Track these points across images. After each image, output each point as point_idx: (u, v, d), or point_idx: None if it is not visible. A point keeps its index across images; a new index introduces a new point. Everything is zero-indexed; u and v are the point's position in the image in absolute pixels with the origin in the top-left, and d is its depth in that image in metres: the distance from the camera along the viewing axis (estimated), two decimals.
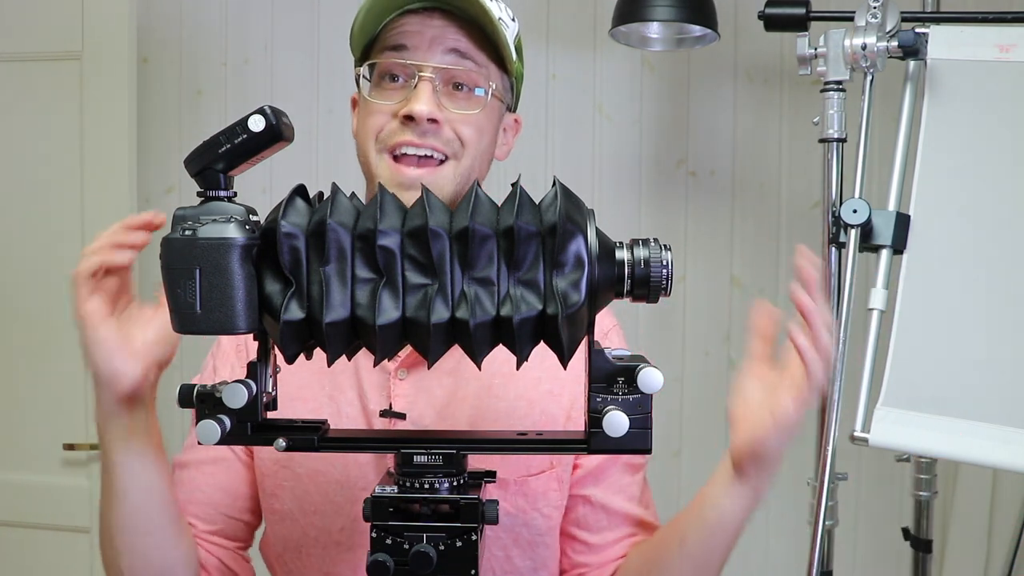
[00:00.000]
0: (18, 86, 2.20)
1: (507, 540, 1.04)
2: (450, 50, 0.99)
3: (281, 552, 1.07)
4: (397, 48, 0.99)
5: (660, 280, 0.77)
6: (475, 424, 1.01)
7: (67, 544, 2.23)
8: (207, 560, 1.04)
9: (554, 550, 1.07)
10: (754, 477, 0.90)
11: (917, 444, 1.60)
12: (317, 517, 1.04)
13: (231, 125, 0.75)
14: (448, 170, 0.99)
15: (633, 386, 0.78)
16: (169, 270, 0.73)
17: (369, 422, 1.03)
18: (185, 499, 1.05)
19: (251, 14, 2.41)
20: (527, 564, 1.05)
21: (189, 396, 0.79)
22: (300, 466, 1.04)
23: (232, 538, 1.08)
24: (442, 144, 0.98)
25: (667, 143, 2.34)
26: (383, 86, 1.01)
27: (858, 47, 1.65)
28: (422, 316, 0.74)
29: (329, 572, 1.05)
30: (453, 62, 0.99)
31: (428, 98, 0.97)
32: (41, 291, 2.14)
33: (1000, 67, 1.63)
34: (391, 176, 0.98)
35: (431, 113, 0.97)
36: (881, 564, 2.30)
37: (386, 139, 0.99)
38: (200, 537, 1.05)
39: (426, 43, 0.99)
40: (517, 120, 1.11)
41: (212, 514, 1.06)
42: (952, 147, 1.66)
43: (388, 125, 0.99)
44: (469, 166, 1.01)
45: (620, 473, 1.07)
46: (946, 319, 1.60)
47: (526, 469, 1.03)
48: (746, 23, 2.23)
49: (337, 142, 2.38)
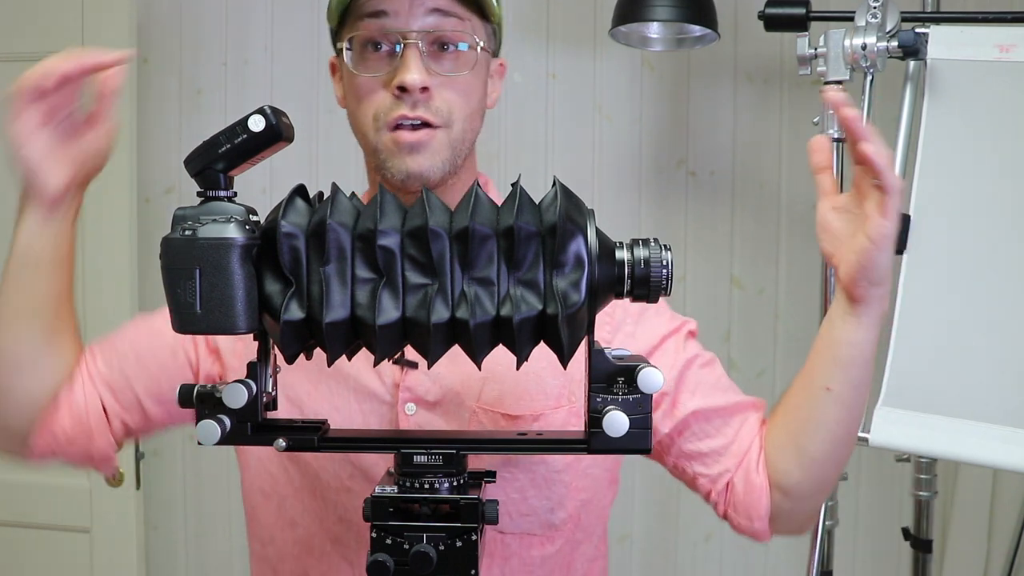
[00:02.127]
0: None
1: (524, 480, 1.03)
2: (431, 10, 0.98)
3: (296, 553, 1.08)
4: (377, 15, 0.98)
5: (660, 280, 0.77)
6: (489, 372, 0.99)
7: (67, 544, 2.23)
8: (79, 393, 1.03)
9: (571, 488, 1.06)
10: (872, 298, 0.92)
11: (917, 444, 1.60)
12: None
13: (231, 125, 0.75)
14: (441, 137, 1.00)
15: (633, 386, 0.78)
16: (169, 270, 0.73)
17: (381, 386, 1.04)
18: (103, 339, 1.07)
19: (251, 14, 2.41)
20: (543, 504, 1.05)
21: (189, 396, 0.79)
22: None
23: (117, 400, 1.05)
24: (431, 115, 0.98)
25: (667, 143, 2.34)
26: (367, 56, 1.00)
27: (858, 47, 1.65)
28: (422, 316, 0.74)
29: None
30: (436, 23, 0.99)
31: (417, 66, 0.97)
32: None
33: (1000, 67, 1.63)
34: (393, 144, 0.99)
35: (423, 82, 0.97)
36: (881, 564, 2.30)
37: (385, 115, 0.99)
38: (90, 372, 1.05)
39: (406, 6, 0.98)
40: (502, 64, 1.11)
41: (115, 363, 1.05)
42: (952, 147, 1.66)
43: (383, 101, 0.99)
44: (461, 130, 1.01)
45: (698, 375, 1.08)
46: (946, 319, 1.60)
47: (543, 405, 1.03)
48: (746, 23, 2.23)
49: (337, 142, 2.38)
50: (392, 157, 0.99)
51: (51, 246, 0.95)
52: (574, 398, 1.04)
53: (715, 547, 2.37)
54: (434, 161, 0.99)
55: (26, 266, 0.96)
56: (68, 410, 1.03)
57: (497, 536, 1.04)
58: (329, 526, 1.05)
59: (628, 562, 2.37)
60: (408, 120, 0.98)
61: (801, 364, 1.01)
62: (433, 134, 0.99)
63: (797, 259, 2.27)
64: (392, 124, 0.98)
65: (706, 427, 1.06)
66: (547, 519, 1.05)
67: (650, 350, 1.07)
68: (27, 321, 0.98)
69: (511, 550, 1.05)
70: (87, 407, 1.03)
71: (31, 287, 0.96)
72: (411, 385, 1.03)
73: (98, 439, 1.05)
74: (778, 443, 1.03)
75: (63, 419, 1.02)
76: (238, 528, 2.43)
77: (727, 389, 1.09)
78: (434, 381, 1.03)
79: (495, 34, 1.07)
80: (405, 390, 1.03)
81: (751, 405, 1.09)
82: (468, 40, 1.00)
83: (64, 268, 0.98)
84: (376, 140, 1.00)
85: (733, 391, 1.09)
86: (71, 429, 1.03)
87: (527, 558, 1.05)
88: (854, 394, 0.97)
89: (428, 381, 1.03)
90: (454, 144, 1.00)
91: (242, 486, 1.13)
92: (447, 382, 1.03)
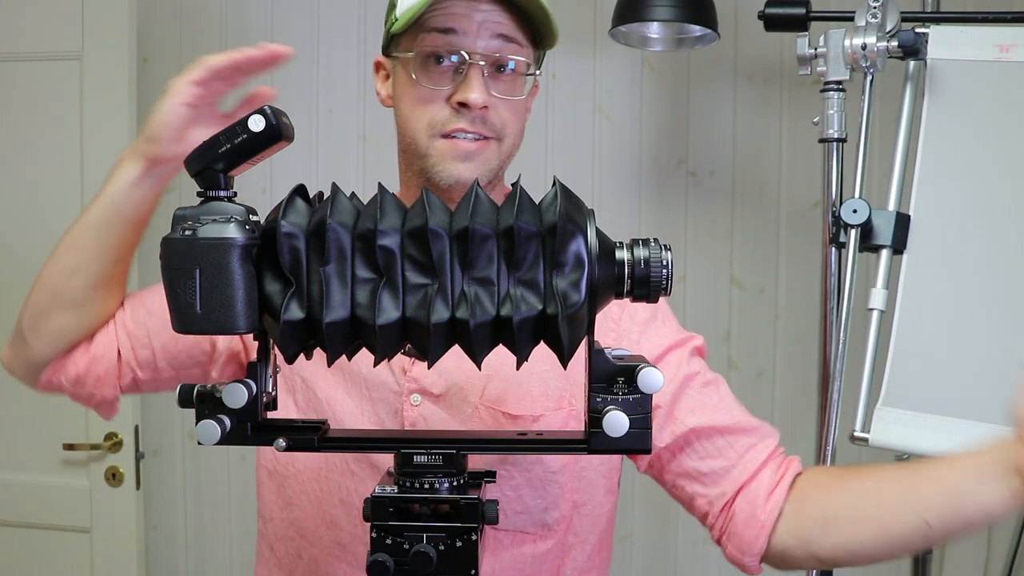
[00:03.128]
0: (18, 86, 2.20)
1: (520, 480, 1.05)
2: (497, 35, 1.03)
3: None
4: (445, 31, 1.02)
5: (660, 280, 0.77)
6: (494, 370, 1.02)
7: (67, 544, 2.23)
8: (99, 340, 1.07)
9: (566, 488, 1.07)
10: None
11: (917, 444, 1.60)
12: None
13: (231, 125, 0.75)
14: (493, 147, 1.05)
15: (633, 386, 0.78)
16: (169, 270, 0.73)
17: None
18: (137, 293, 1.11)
19: (251, 14, 2.41)
20: (538, 503, 1.06)
21: (189, 396, 0.79)
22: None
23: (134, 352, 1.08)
24: (488, 130, 1.04)
25: (667, 143, 2.33)
26: (429, 68, 1.04)
27: (858, 47, 1.65)
28: (422, 316, 0.74)
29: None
30: (499, 47, 1.03)
31: (480, 86, 1.02)
32: None
33: (1000, 67, 1.63)
34: (448, 151, 1.03)
35: (484, 101, 1.01)
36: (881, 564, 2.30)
37: (441, 126, 1.03)
38: (116, 322, 1.08)
39: (474, 28, 1.02)
40: (537, 83, 1.13)
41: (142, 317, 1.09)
42: (952, 147, 1.66)
43: (440, 112, 1.03)
44: (510, 145, 1.07)
45: (700, 393, 1.06)
46: (946, 319, 1.60)
47: (543, 406, 1.04)
48: (746, 23, 2.23)
49: (337, 142, 2.38)
50: (442, 162, 1.03)
51: (137, 202, 0.99)
52: (575, 401, 1.05)
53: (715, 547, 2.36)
54: (483, 170, 1.03)
55: (109, 214, 0.99)
56: (85, 351, 1.07)
57: (490, 532, 1.05)
58: (328, 509, 1.07)
59: (628, 562, 2.37)
60: (466, 133, 1.03)
61: (801, 364, 1.01)
62: (487, 144, 1.04)
63: (797, 259, 2.27)
64: (448, 134, 1.03)
65: (707, 446, 1.04)
66: (541, 518, 1.06)
67: (654, 361, 1.06)
68: (89, 264, 1.01)
69: (503, 546, 1.06)
70: (104, 353, 1.07)
71: (105, 235, 1.00)
72: (417, 376, 1.05)
73: (105, 386, 1.09)
74: (828, 519, 0.98)
75: (78, 360, 1.07)
76: (238, 528, 2.44)
77: (732, 409, 1.06)
78: (440, 374, 1.05)
79: (542, 58, 1.12)
80: (411, 380, 1.05)
81: (761, 430, 1.06)
82: (525, 66, 1.05)
83: (140, 228, 1.02)
84: (428, 145, 1.04)
85: (740, 411, 1.07)
86: (83, 369, 1.07)
87: (518, 555, 1.06)
88: (945, 538, 0.93)
89: (434, 373, 1.05)
90: (502, 156, 1.06)
91: (256, 463, 1.16)
92: (452, 376, 1.05)
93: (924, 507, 0.91)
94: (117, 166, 0.99)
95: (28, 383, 1.09)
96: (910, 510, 0.92)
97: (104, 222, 1.00)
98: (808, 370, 2.13)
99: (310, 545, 1.08)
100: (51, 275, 1.02)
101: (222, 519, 2.46)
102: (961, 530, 0.90)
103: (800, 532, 0.99)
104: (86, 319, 1.05)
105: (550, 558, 1.08)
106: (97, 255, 1.01)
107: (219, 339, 1.11)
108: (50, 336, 1.04)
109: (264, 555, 1.14)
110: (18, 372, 1.09)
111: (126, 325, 1.08)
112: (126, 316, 1.08)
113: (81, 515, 2.21)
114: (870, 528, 0.95)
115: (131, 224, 1.01)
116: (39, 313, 1.03)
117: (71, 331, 1.04)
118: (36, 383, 1.08)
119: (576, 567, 1.10)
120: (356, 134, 2.37)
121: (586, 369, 0.79)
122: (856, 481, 0.99)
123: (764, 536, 1.00)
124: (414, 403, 1.05)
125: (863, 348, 1.62)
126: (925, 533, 0.91)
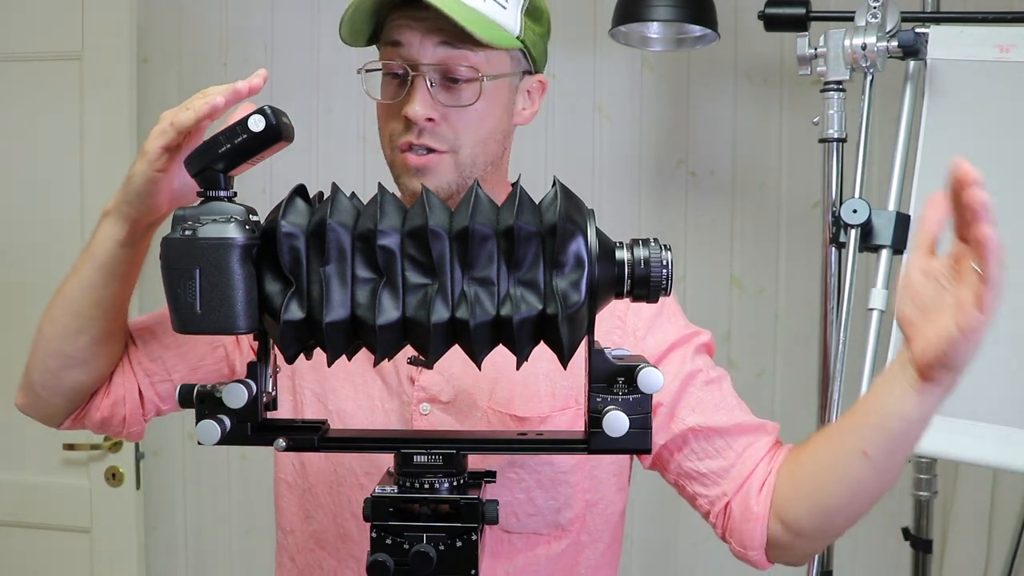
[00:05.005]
0: (18, 86, 2.20)
1: (530, 482, 1.04)
2: (442, 42, 0.99)
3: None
4: (394, 44, 1.01)
5: (660, 280, 0.77)
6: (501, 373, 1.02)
7: (67, 544, 2.23)
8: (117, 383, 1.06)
9: (577, 488, 1.07)
10: (945, 382, 0.87)
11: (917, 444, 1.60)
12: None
13: (231, 125, 0.75)
14: (447, 161, 1.01)
15: (633, 386, 0.78)
16: (169, 270, 0.73)
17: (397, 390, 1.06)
18: (145, 322, 1.10)
19: (251, 14, 2.41)
20: (550, 504, 1.05)
21: (189, 396, 0.79)
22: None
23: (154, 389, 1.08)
24: (436, 142, 1.00)
25: (667, 143, 2.33)
26: (386, 83, 1.03)
27: (858, 47, 1.65)
28: (422, 316, 0.74)
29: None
30: (445, 56, 0.99)
31: (422, 99, 0.99)
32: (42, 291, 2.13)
33: (1000, 67, 1.63)
34: (403, 165, 1.02)
35: (426, 114, 0.99)
36: (881, 564, 2.30)
37: (395, 140, 1.02)
38: (131, 361, 1.07)
39: (418, 38, 0.99)
40: (541, 81, 1.10)
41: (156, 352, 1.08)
42: (952, 147, 1.65)
43: (396, 126, 1.02)
44: (470, 155, 1.02)
45: (701, 391, 1.06)
46: None
47: (550, 406, 1.04)
48: (746, 23, 2.23)
49: (337, 142, 2.38)
50: (403, 175, 1.02)
51: (129, 260, 0.97)
52: (581, 399, 1.04)
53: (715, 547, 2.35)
54: (439, 182, 1.01)
55: (101, 275, 0.97)
56: (105, 398, 1.06)
57: (503, 536, 1.05)
58: (341, 522, 1.07)
59: (628, 562, 2.37)
60: (414, 146, 1.00)
61: (801, 364, 1.01)
62: (439, 158, 1.01)
63: (797, 259, 2.27)
64: (402, 147, 1.01)
65: (706, 446, 1.04)
66: (554, 519, 1.06)
67: (658, 357, 1.07)
68: (91, 324, 0.99)
69: (516, 549, 1.06)
70: (125, 396, 1.07)
71: (101, 295, 0.98)
72: (425, 384, 1.05)
73: (131, 424, 1.08)
74: (794, 484, 1.00)
75: (99, 404, 1.06)
76: (238, 528, 2.44)
77: (733, 409, 1.06)
78: (448, 381, 1.04)
79: (527, 55, 1.06)
80: (419, 389, 1.05)
81: (760, 428, 1.06)
82: (476, 72, 1.00)
83: (134, 279, 1.00)
84: (391, 158, 1.04)
85: (740, 411, 1.06)
86: (107, 413, 1.06)
87: (532, 557, 1.06)
88: (891, 463, 0.93)
89: (442, 381, 1.04)
90: (461, 167, 1.02)
91: (274, 476, 1.16)
92: (460, 382, 1.04)
93: (859, 440, 0.92)
94: (101, 223, 0.96)
95: (50, 425, 1.09)
96: (849, 447, 0.93)
97: (98, 283, 0.97)
98: (808, 370, 2.13)
99: (329, 556, 1.09)
100: (54, 337, 1.01)
101: (222, 519, 2.46)
102: (896, 448, 0.91)
103: (779, 511, 1.00)
104: (99, 371, 1.04)
105: (564, 558, 1.08)
106: (97, 314, 0.99)
107: (237, 361, 1.10)
108: (66, 393, 1.04)
109: (285, 566, 1.14)
110: (36, 418, 1.08)
111: (142, 363, 1.07)
112: (140, 353, 1.07)
113: (81, 515, 2.21)
114: (827, 479, 0.96)
115: (126, 279, 0.99)
116: (50, 374, 1.02)
117: (86, 385, 1.04)
118: (58, 427, 1.08)
119: (589, 565, 1.10)
120: (356, 134, 2.37)
121: (586, 369, 0.79)
122: (811, 443, 1.01)
123: (761, 526, 1.00)
124: (423, 412, 1.05)
125: (863, 348, 1.62)
126: (871, 465, 0.92)
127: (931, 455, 1.80)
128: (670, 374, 1.04)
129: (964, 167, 0.82)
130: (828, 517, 0.97)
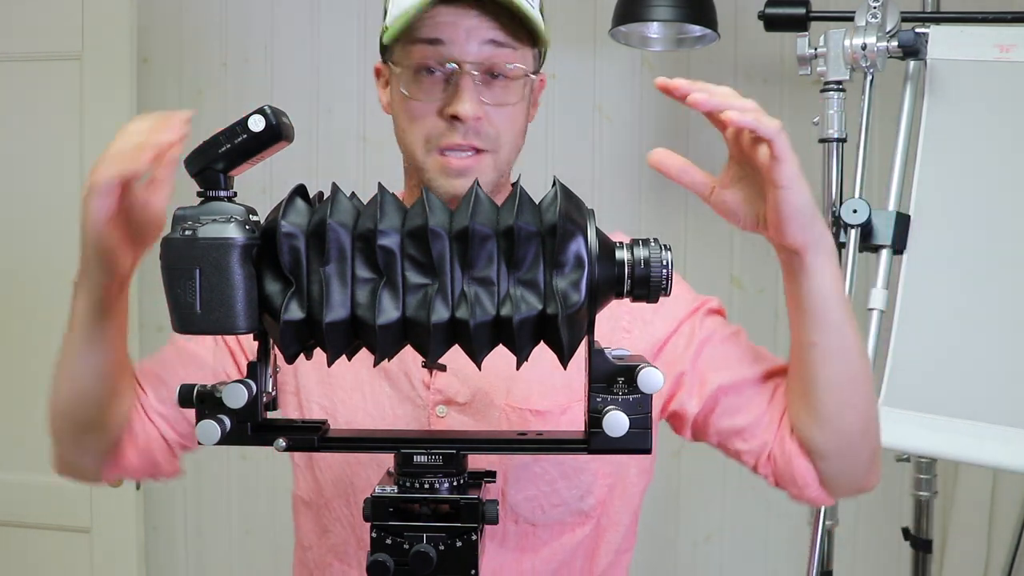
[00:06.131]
0: (18, 86, 2.20)
1: (553, 473, 1.04)
2: (487, 41, 1.00)
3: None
4: (433, 42, 1.00)
5: (660, 280, 0.77)
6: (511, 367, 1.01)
7: (67, 544, 2.23)
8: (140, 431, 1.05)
9: (598, 474, 1.06)
10: (812, 239, 0.90)
11: (917, 444, 1.60)
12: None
13: (231, 125, 0.75)
14: (488, 160, 1.03)
15: (633, 386, 0.78)
16: (169, 270, 0.73)
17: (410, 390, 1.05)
18: (152, 367, 1.07)
19: (251, 14, 2.41)
20: (573, 493, 1.05)
21: (189, 396, 0.79)
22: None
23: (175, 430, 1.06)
24: (481, 142, 1.01)
25: (667, 143, 2.32)
26: (420, 80, 1.01)
27: (858, 47, 1.65)
28: (422, 316, 0.74)
29: None
30: (491, 54, 1.00)
31: (471, 96, 0.99)
32: (42, 291, 2.14)
33: (1000, 67, 1.64)
34: (442, 168, 1.01)
35: (476, 112, 0.99)
36: (881, 564, 2.30)
37: (436, 141, 1.01)
38: (145, 408, 1.05)
39: (463, 36, 0.99)
40: (542, 80, 1.12)
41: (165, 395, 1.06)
42: (952, 147, 1.66)
43: (435, 126, 1.01)
44: (507, 154, 1.05)
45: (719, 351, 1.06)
46: (946, 319, 1.60)
47: (568, 398, 1.04)
48: (746, 23, 2.23)
49: (337, 142, 2.38)
50: (439, 177, 1.01)
51: (116, 317, 0.94)
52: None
53: (715, 547, 2.37)
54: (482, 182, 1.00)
55: (91, 346, 0.94)
56: (132, 447, 1.04)
57: (529, 529, 1.05)
58: (360, 534, 1.07)
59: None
60: (460, 148, 1.01)
61: None
62: (481, 158, 1.02)
63: None
64: (443, 149, 1.01)
65: (736, 401, 1.04)
66: (577, 507, 1.06)
67: (668, 335, 1.07)
68: (93, 386, 0.97)
69: (542, 541, 1.06)
70: (149, 442, 1.05)
71: (99, 358, 0.95)
72: (441, 387, 1.04)
73: (164, 466, 1.07)
74: (793, 410, 1.01)
75: (129, 456, 1.04)
76: (238, 528, 2.44)
77: (754, 360, 1.06)
78: (463, 382, 1.04)
79: (541, 55, 1.08)
80: (435, 392, 1.04)
81: (782, 370, 1.06)
82: (519, 70, 1.02)
83: (126, 330, 0.97)
84: (424, 160, 1.02)
85: (761, 360, 1.06)
86: (138, 462, 1.05)
87: (557, 547, 1.06)
88: (839, 339, 0.94)
89: (458, 383, 1.04)
90: (499, 166, 1.04)
91: (292, 491, 1.15)
92: (476, 382, 1.04)
93: (802, 336, 0.96)
94: (75, 296, 0.92)
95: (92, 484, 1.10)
96: (800, 348, 0.96)
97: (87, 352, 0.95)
98: None
99: (349, 568, 1.08)
100: (69, 409, 0.99)
101: (222, 519, 2.45)
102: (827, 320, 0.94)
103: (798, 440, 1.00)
104: (117, 427, 1.03)
105: (586, 543, 1.08)
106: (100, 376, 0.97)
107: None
108: (95, 454, 1.03)
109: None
110: (79, 481, 1.08)
111: (157, 409, 1.05)
112: (151, 400, 1.05)
113: (81, 515, 2.21)
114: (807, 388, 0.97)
115: (121, 334, 0.97)
116: (75, 443, 1.02)
117: (111, 442, 1.03)
118: (98, 482, 1.08)
119: (610, 549, 1.10)
120: (356, 134, 2.37)
121: (586, 369, 0.79)
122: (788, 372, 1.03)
123: (804, 461, 1.00)
124: (440, 414, 1.04)
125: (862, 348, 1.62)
126: (823, 351, 0.94)
127: (931, 455, 1.80)
128: (686, 344, 1.05)
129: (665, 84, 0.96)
130: (831, 424, 0.97)
